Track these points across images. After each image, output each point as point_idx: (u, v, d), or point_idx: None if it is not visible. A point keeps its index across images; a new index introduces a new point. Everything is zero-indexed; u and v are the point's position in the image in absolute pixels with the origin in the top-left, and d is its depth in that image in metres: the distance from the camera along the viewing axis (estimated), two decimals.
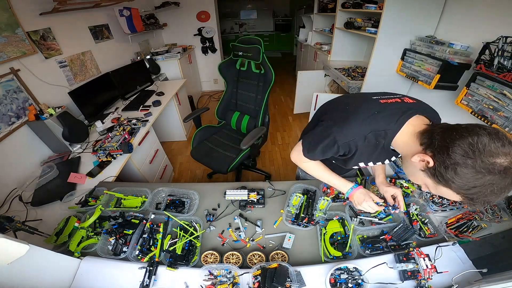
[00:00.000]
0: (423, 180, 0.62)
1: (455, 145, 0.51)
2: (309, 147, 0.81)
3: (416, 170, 0.62)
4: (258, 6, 7.24)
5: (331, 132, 0.72)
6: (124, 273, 0.87)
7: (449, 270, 0.80)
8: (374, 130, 0.67)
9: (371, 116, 0.69)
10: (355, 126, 0.70)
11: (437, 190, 0.59)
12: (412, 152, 0.63)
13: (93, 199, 1.17)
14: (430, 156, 0.57)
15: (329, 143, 0.73)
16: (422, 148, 0.60)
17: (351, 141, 0.70)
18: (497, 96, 1.23)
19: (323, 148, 0.75)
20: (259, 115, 1.82)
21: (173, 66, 3.25)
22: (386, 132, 0.67)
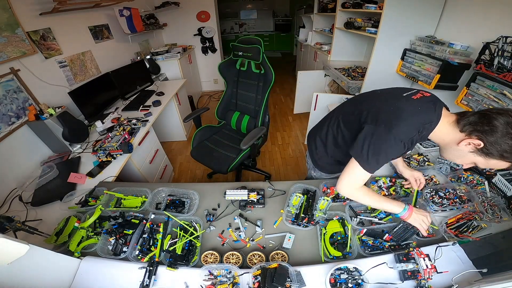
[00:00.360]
0: (473, 160, 0.75)
1: (497, 126, 0.65)
2: (367, 160, 0.79)
3: (465, 153, 0.74)
4: (258, 6, 7.24)
5: (392, 134, 0.76)
6: (124, 273, 0.87)
7: (449, 270, 0.80)
8: (423, 123, 0.76)
9: (418, 112, 0.77)
10: (411, 122, 0.76)
11: (488, 164, 0.73)
12: (454, 139, 0.75)
13: (93, 199, 1.17)
14: (477, 139, 0.69)
15: (394, 144, 0.76)
16: (466, 134, 0.72)
17: (413, 136, 0.77)
18: (497, 96, 1.23)
19: (387, 152, 0.78)
20: (259, 115, 1.82)
21: (173, 66, 3.25)
22: (430, 123, 0.77)
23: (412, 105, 0.78)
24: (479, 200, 1.06)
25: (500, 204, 1.05)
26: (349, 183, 0.87)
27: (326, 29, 3.47)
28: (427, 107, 0.78)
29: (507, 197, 1.07)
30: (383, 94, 0.90)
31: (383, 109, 0.81)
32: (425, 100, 0.80)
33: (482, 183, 1.16)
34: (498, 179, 1.12)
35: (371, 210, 1.11)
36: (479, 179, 1.18)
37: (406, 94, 0.83)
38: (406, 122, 0.75)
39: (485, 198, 1.08)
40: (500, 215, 1.00)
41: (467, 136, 0.72)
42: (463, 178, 1.21)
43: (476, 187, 1.15)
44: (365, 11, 2.23)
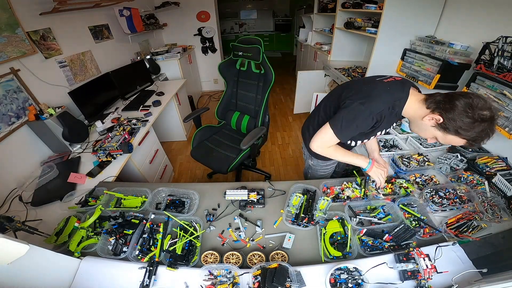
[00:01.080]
0: (433, 134, 0.85)
1: (457, 105, 0.75)
2: (341, 128, 0.92)
3: (427, 127, 0.85)
4: (258, 6, 7.24)
5: (364, 108, 0.88)
6: (124, 273, 0.87)
7: (449, 270, 0.80)
8: (393, 99, 0.88)
9: (388, 90, 0.89)
10: (382, 99, 0.88)
11: (445, 139, 0.83)
12: (420, 115, 0.86)
13: (93, 199, 1.17)
14: (438, 115, 0.80)
15: (366, 117, 0.88)
16: (430, 110, 0.82)
17: (382, 110, 0.88)
18: (497, 96, 1.23)
19: (359, 123, 0.90)
20: (259, 115, 1.82)
21: (173, 66, 3.25)
22: (400, 100, 0.88)
23: (383, 85, 0.91)
24: (479, 200, 1.06)
25: (500, 204, 1.05)
26: (320, 143, 1.00)
27: (326, 29, 3.47)
28: (395, 87, 0.90)
29: (507, 197, 1.07)
30: (360, 79, 1.06)
31: (358, 89, 0.95)
32: (394, 82, 0.92)
33: (482, 183, 1.16)
34: (498, 179, 1.12)
35: (371, 210, 1.11)
36: (479, 179, 1.18)
37: (379, 78, 0.95)
38: (376, 98, 0.88)
39: (485, 198, 1.08)
40: (500, 215, 1.00)
41: (430, 112, 0.82)
42: (463, 178, 1.21)
43: (476, 187, 1.15)
44: (365, 11, 2.23)
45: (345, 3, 2.60)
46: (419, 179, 1.24)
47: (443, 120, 0.79)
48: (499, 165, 1.23)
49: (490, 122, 0.73)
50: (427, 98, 0.86)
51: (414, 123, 0.92)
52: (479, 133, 0.75)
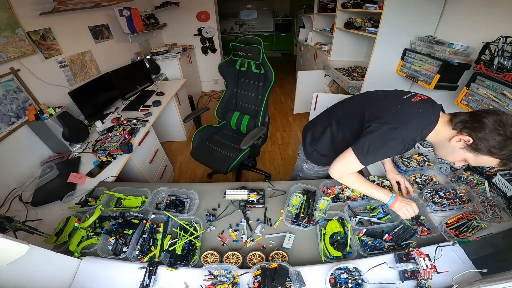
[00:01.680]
0: (463, 156, 0.79)
1: (485, 123, 0.70)
2: (367, 154, 0.84)
3: (456, 149, 0.79)
4: (258, 6, 7.24)
5: (396, 135, 0.80)
6: (124, 273, 0.87)
7: (449, 270, 0.80)
8: (425, 124, 0.82)
9: (419, 114, 0.82)
10: (415, 125, 0.81)
11: (477, 161, 0.77)
12: (446, 137, 0.80)
13: (93, 199, 1.17)
14: (467, 135, 0.74)
15: (396, 144, 0.81)
16: (457, 131, 0.77)
17: (416, 137, 0.82)
18: (497, 96, 1.23)
19: (388, 151, 0.84)
20: (259, 115, 1.82)
21: (173, 66, 3.25)
22: (431, 124, 0.82)
23: (414, 108, 0.83)
24: (479, 200, 1.06)
25: (500, 204, 1.05)
26: (341, 169, 0.93)
27: (326, 29, 3.47)
28: (426, 109, 0.82)
29: (507, 197, 1.07)
30: (384, 95, 0.95)
31: (386, 109, 0.86)
32: (423, 102, 0.84)
33: (482, 183, 1.16)
34: (498, 179, 1.12)
35: (370, 210, 1.11)
36: (479, 179, 1.18)
37: (405, 96, 0.87)
38: (411, 124, 0.80)
39: (485, 198, 1.08)
40: (500, 215, 1.00)
41: (458, 133, 0.77)
42: (463, 178, 1.21)
43: (476, 187, 1.15)
44: (365, 11, 2.23)
45: (345, 3, 2.60)
46: (419, 179, 1.24)
47: (473, 141, 0.73)
48: None
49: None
50: (452, 118, 0.80)
51: (440, 146, 0.85)
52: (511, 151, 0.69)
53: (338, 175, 0.94)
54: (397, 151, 0.84)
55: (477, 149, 0.74)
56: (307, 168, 1.30)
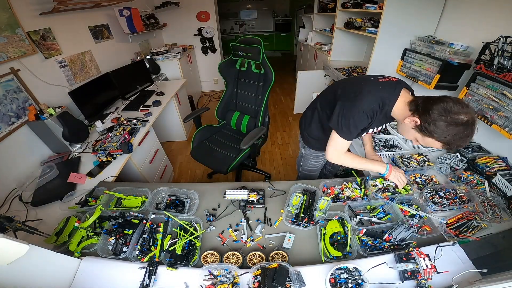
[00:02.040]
0: (414, 135, 0.89)
1: (433, 108, 0.79)
2: (342, 129, 0.96)
3: (409, 128, 0.89)
4: (258, 6, 7.24)
5: (355, 106, 0.91)
6: (124, 273, 0.87)
7: (449, 270, 0.80)
8: (383, 98, 0.91)
9: (379, 89, 0.92)
10: (372, 96, 0.91)
11: (424, 141, 0.87)
12: (404, 116, 0.89)
13: (93, 199, 1.17)
14: (417, 117, 0.83)
15: (358, 115, 0.91)
16: (411, 113, 0.86)
17: (373, 107, 0.91)
18: (497, 96, 1.23)
19: (355, 122, 0.93)
20: (259, 115, 1.82)
21: (173, 66, 3.25)
22: (389, 99, 0.91)
23: (375, 84, 0.94)
24: (479, 200, 1.06)
25: (500, 204, 1.05)
26: (334, 150, 1.04)
27: (326, 29, 3.47)
28: (388, 86, 0.93)
29: (507, 197, 1.07)
30: (355, 77, 1.08)
31: (351, 88, 0.99)
32: (388, 82, 0.95)
33: (482, 183, 1.16)
34: (498, 179, 1.12)
35: (370, 210, 1.11)
36: (479, 179, 1.18)
37: (374, 77, 0.98)
38: (368, 96, 0.91)
39: (485, 198, 1.08)
40: (500, 215, 1.00)
41: (411, 114, 0.86)
42: (463, 178, 1.21)
43: (476, 187, 1.15)
44: (365, 11, 2.23)
45: (345, 3, 2.60)
46: (419, 179, 1.24)
47: (420, 123, 0.83)
48: (499, 165, 1.23)
49: (465, 126, 0.75)
50: (411, 101, 0.89)
51: (399, 124, 0.96)
52: (453, 137, 0.77)
53: (334, 157, 1.06)
54: (363, 121, 0.93)
55: (423, 130, 0.82)
56: (306, 153, 1.41)
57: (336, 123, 0.97)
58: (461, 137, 0.77)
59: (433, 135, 0.80)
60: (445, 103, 0.77)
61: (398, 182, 1.08)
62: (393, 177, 1.08)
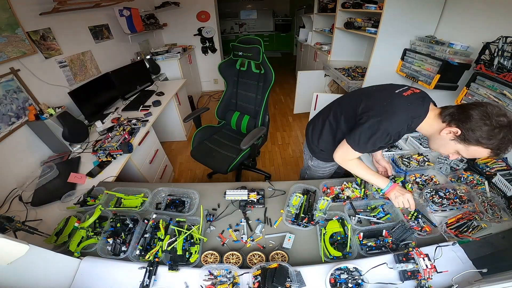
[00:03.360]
0: (454, 148, 0.82)
1: (472, 114, 0.74)
2: (359, 142, 0.92)
3: (447, 141, 0.82)
4: (258, 6, 7.24)
5: (382, 126, 0.86)
6: (124, 273, 0.87)
7: (449, 270, 0.80)
8: (413, 117, 0.85)
9: (408, 107, 0.86)
10: (401, 118, 0.86)
11: (468, 152, 0.80)
12: (437, 129, 0.84)
13: (92, 198, 1.17)
14: (455, 127, 0.78)
15: (382, 135, 0.87)
16: (446, 124, 0.81)
17: (401, 130, 0.87)
18: (497, 96, 1.23)
19: (375, 141, 0.89)
20: (259, 115, 1.82)
21: (173, 66, 3.25)
22: (419, 116, 0.86)
23: (403, 101, 0.88)
24: (479, 200, 1.06)
25: (500, 204, 1.05)
26: (342, 156, 1.03)
27: (326, 29, 3.47)
28: (416, 103, 0.87)
29: (507, 197, 1.07)
30: (378, 90, 1.01)
31: (377, 104, 0.92)
32: (415, 96, 0.89)
33: (482, 183, 1.16)
34: (498, 179, 1.12)
35: (370, 210, 1.11)
36: (479, 179, 1.18)
37: (398, 90, 0.92)
38: (397, 118, 0.86)
39: (485, 198, 1.08)
40: (500, 215, 1.00)
41: (447, 125, 0.81)
42: (463, 178, 1.21)
43: (476, 187, 1.15)
44: (365, 11, 2.23)
45: (345, 3, 2.60)
46: (419, 179, 1.24)
47: (461, 132, 0.77)
48: (499, 165, 1.23)
49: (509, 128, 0.71)
50: (441, 112, 0.84)
51: (433, 139, 0.89)
52: (501, 140, 0.72)
53: (340, 160, 1.04)
54: (384, 142, 0.89)
55: (466, 140, 0.77)
56: (313, 165, 1.34)
57: (353, 137, 0.93)
58: (509, 140, 0.72)
59: (479, 142, 0.74)
60: (484, 107, 0.73)
61: (396, 202, 0.98)
62: (392, 196, 0.98)
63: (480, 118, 0.72)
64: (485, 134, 0.72)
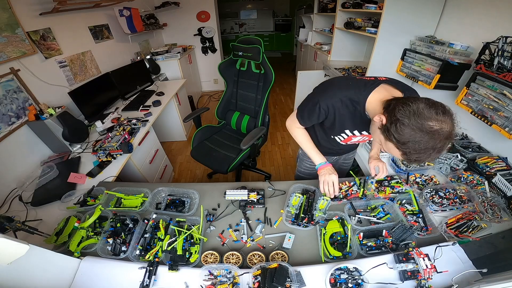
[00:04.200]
0: (379, 137, 0.74)
1: (399, 107, 0.65)
2: (300, 111, 0.97)
3: (375, 128, 0.75)
4: (258, 6, 7.24)
5: (315, 96, 0.90)
6: (124, 273, 0.87)
7: (449, 270, 0.80)
8: (348, 95, 0.83)
9: (347, 85, 0.86)
10: (333, 91, 0.87)
11: (386, 146, 0.73)
12: (374, 114, 0.76)
13: (92, 198, 1.17)
14: (384, 115, 0.70)
15: (313, 105, 0.90)
16: (383, 111, 0.72)
17: (330, 103, 0.86)
18: (497, 96, 1.23)
19: (309, 111, 0.92)
20: (259, 115, 1.82)
21: (173, 66, 3.25)
22: (358, 98, 0.82)
23: (347, 80, 0.89)
24: (479, 200, 1.06)
25: (500, 204, 1.05)
26: (290, 122, 1.07)
27: (326, 29, 3.47)
28: (361, 84, 0.82)
29: (507, 197, 1.07)
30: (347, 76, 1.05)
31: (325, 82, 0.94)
32: (364, 80, 0.84)
33: (482, 183, 1.16)
34: (498, 179, 1.12)
35: (371, 210, 1.11)
36: (479, 179, 1.18)
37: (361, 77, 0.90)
38: (330, 90, 0.88)
39: (485, 198, 1.08)
40: (500, 215, 1.00)
41: (382, 112, 0.73)
42: (463, 178, 1.21)
43: (476, 187, 1.15)
44: (365, 11, 2.23)
45: (345, 3, 2.59)
46: (419, 179, 1.24)
47: (386, 121, 0.69)
48: (499, 165, 1.23)
49: (431, 136, 0.61)
50: (389, 99, 0.74)
51: (371, 125, 0.82)
52: (413, 145, 0.63)
53: (288, 125, 1.09)
54: (316, 114, 0.91)
55: (387, 132, 0.68)
56: (301, 154, 1.40)
57: (299, 108, 0.99)
58: (422, 149, 0.62)
59: (392, 139, 0.66)
60: (417, 103, 0.63)
61: (321, 184, 0.99)
62: (321, 176, 1.01)
63: (404, 114, 0.63)
64: (400, 132, 0.64)
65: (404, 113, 0.63)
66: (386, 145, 0.72)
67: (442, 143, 0.62)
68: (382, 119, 0.70)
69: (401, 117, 0.63)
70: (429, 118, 0.61)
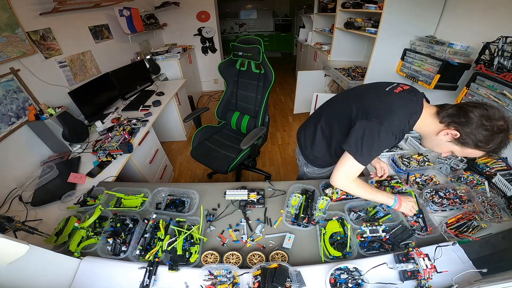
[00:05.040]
0: (450, 148, 0.81)
1: (472, 118, 0.71)
2: (362, 153, 0.83)
3: (443, 142, 0.80)
4: (258, 6, 7.24)
5: (384, 127, 0.80)
6: (124, 273, 0.87)
7: (449, 270, 0.80)
8: (411, 113, 0.82)
9: (404, 104, 0.82)
10: (400, 115, 0.81)
11: (463, 153, 0.79)
12: (434, 130, 0.81)
13: (92, 198, 1.17)
14: (455, 129, 0.75)
15: (386, 137, 0.81)
16: (445, 125, 0.78)
17: (404, 127, 0.82)
18: (497, 96, 1.23)
19: (379, 145, 0.83)
20: (259, 115, 1.82)
21: (173, 66, 3.25)
22: (416, 114, 0.82)
23: (397, 99, 0.84)
24: (479, 200, 1.06)
25: (500, 204, 1.05)
26: (343, 176, 0.89)
27: (326, 29, 3.47)
28: (409, 98, 0.83)
29: (507, 197, 1.07)
30: (368, 90, 0.95)
31: (372, 104, 0.87)
32: (406, 92, 0.85)
33: (482, 183, 1.16)
34: (498, 179, 1.12)
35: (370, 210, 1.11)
36: (479, 179, 1.18)
37: (388, 88, 0.88)
38: (396, 115, 0.81)
39: (485, 198, 1.08)
40: (500, 215, 1.00)
41: (445, 127, 0.78)
42: (463, 178, 1.21)
43: (476, 187, 1.15)
44: (365, 11, 2.23)
45: (345, 3, 2.60)
46: (419, 179, 1.24)
47: (460, 135, 0.75)
48: (499, 165, 1.23)
49: (506, 132, 0.70)
50: (439, 111, 0.80)
51: (428, 138, 0.86)
52: (498, 145, 0.72)
53: (342, 183, 0.91)
54: (390, 143, 0.84)
55: (464, 143, 0.75)
56: (309, 172, 1.30)
57: (353, 146, 0.83)
58: (505, 143, 0.72)
59: (478, 146, 0.73)
60: (484, 110, 0.71)
61: (410, 212, 0.96)
62: (404, 209, 0.95)
63: (481, 123, 0.71)
64: (484, 138, 0.71)
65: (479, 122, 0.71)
66: (463, 152, 0.78)
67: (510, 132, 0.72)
68: (454, 133, 0.76)
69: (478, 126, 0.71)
70: (498, 119, 0.70)
